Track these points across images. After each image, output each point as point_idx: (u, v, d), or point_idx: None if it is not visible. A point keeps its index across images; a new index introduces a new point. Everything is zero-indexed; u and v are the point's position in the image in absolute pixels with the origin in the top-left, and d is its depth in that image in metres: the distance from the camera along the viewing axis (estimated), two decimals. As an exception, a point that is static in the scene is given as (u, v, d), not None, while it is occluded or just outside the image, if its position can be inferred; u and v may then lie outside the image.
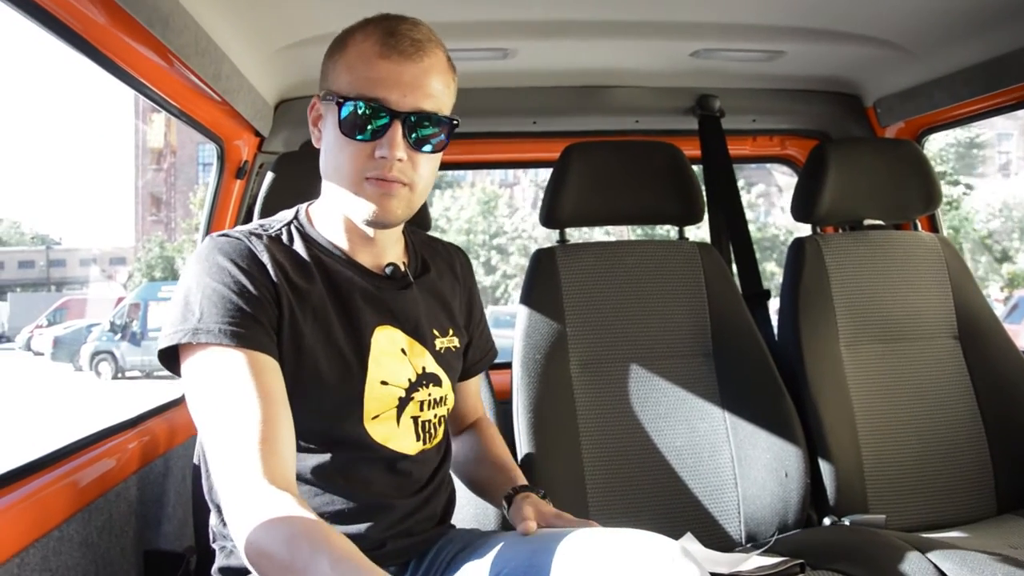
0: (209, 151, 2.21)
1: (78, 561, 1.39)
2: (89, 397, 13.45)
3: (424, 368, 1.32)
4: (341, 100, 1.19)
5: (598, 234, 2.53)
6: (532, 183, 24.35)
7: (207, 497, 1.32)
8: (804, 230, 2.28)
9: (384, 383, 1.26)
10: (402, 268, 1.34)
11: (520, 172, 26.24)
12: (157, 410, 1.98)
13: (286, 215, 1.33)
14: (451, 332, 1.41)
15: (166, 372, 1.19)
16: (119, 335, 17.42)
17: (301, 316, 1.20)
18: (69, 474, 1.44)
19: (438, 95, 1.22)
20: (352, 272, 1.28)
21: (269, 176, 1.93)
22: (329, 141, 1.24)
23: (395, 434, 1.28)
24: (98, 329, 18.04)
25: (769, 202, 22.82)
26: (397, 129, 1.18)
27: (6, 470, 1.31)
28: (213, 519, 1.33)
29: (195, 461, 1.73)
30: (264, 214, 1.88)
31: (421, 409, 1.31)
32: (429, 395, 1.32)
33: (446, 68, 1.25)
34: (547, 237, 2.15)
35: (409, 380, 1.30)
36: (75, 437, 1.58)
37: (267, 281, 1.17)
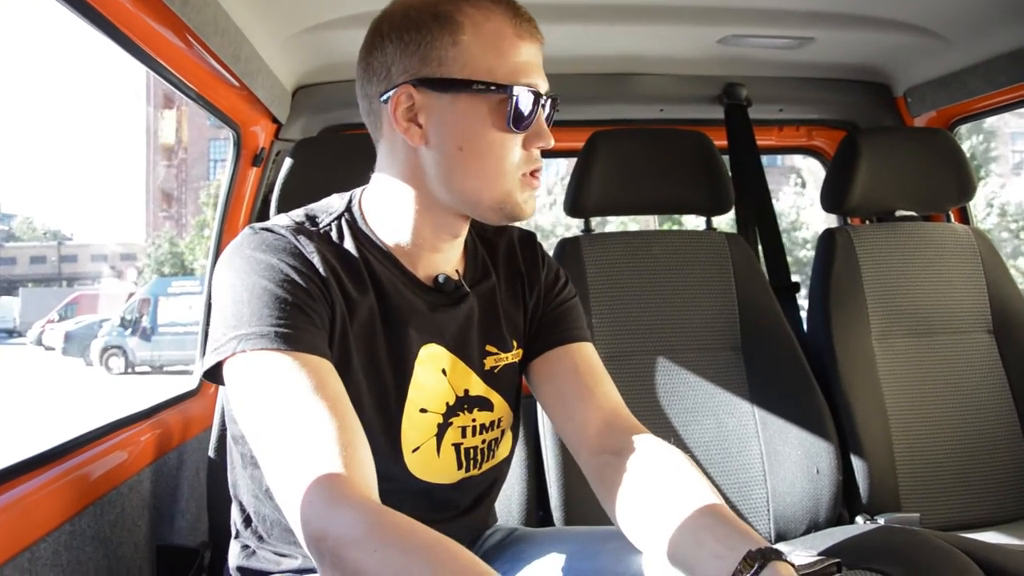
0: (220, 147, 2.15)
1: (90, 556, 1.35)
2: (98, 391, 13.46)
3: (467, 391, 1.18)
4: (503, 89, 1.04)
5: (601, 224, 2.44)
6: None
7: (231, 492, 1.24)
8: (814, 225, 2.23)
9: (423, 410, 1.14)
10: (456, 276, 1.19)
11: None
12: (171, 401, 1.94)
13: (337, 205, 1.16)
14: (516, 344, 1.24)
15: (176, 367, 1.09)
16: (129, 330, 17.49)
17: (352, 332, 1.07)
18: (81, 466, 1.40)
19: None
20: (403, 284, 1.13)
21: (287, 163, 1.88)
22: (467, 136, 1.06)
23: (434, 464, 1.15)
24: (109, 324, 18.12)
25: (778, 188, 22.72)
26: (542, 115, 1.09)
27: (16, 462, 1.26)
28: (235, 514, 1.24)
29: (210, 454, 1.69)
30: (281, 202, 1.83)
31: (463, 436, 1.18)
32: (473, 420, 1.18)
33: None
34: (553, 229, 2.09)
35: (447, 404, 1.16)
36: (85, 429, 1.54)
37: (320, 284, 1.03)
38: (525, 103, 1.05)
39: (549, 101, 1.11)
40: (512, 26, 1.06)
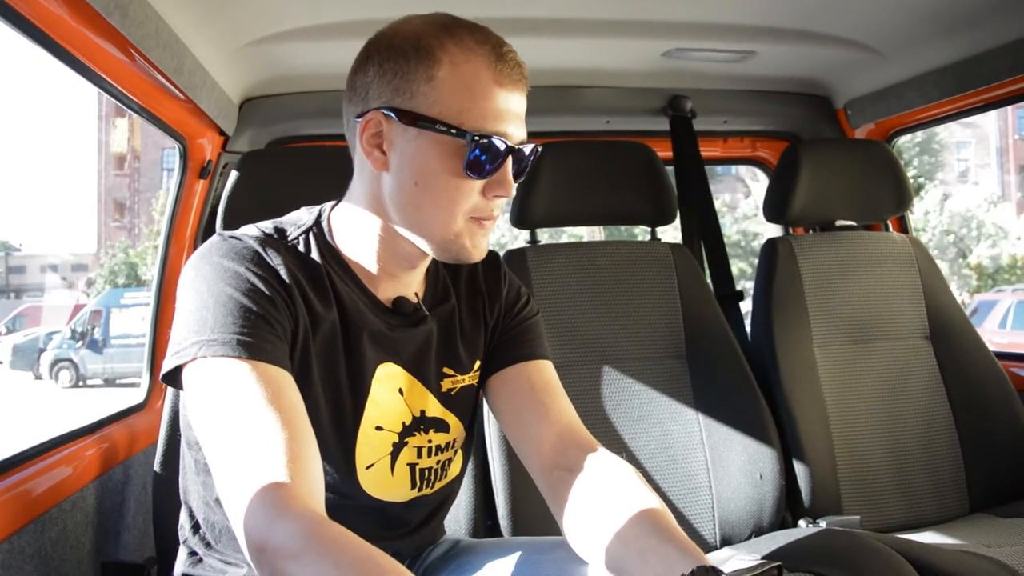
0: (173, 156, 2.13)
1: (29, 574, 1.33)
2: (46, 405, 13.18)
3: (423, 412, 1.19)
4: (468, 134, 1.02)
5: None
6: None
7: (182, 498, 1.24)
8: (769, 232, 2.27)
9: (379, 428, 1.14)
10: (415, 299, 1.19)
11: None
12: (117, 416, 1.92)
13: (305, 219, 1.16)
14: (476, 366, 1.25)
15: (130, 380, 1.07)
16: (80, 343, 17.13)
17: (313, 345, 1.08)
18: (20, 483, 1.38)
19: None
20: (362, 303, 1.13)
21: (233, 175, 1.87)
22: (425, 173, 1.05)
23: (388, 483, 1.16)
24: (59, 337, 17.74)
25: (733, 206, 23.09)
26: (509, 164, 1.06)
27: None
28: (184, 520, 1.24)
29: (156, 468, 1.68)
30: (227, 214, 1.82)
31: (419, 456, 1.18)
32: (429, 441, 1.19)
33: None
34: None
35: (403, 423, 1.16)
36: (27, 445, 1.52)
37: (285, 295, 1.04)
38: (487, 153, 1.03)
39: (527, 150, 1.09)
40: (492, 71, 1.03)
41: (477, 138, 1.02)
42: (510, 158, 1.06)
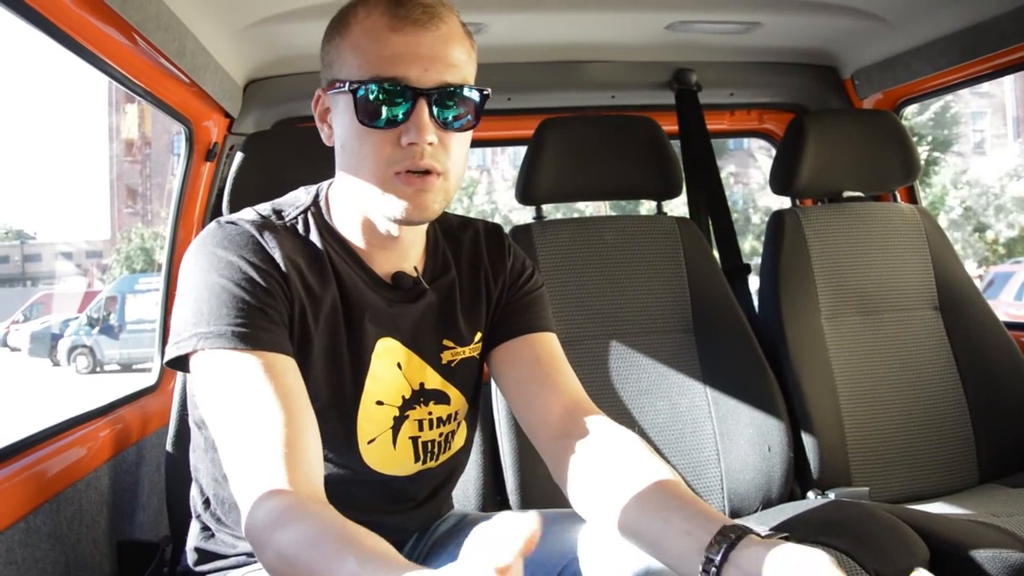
0: (184, 141, 2.15)
1: (46, 553, 1.35)
2: (64, 390, 13.30)
3: (423, 384, 1.20)
4: (355, 85, 1.03)
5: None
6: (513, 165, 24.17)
7: (193, 475, 1.26)
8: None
9: (379, 403, 1.15)
10: (414, 273, 1.19)
11: (498, 154, 26.18)
12: (130, 398, 1.94)
13: (304, 198, 1.17)
14: (477, 338, 1.25)
15: (146, 364, 1.09)
16: (97, 328, 17.27)
17: (312, 323, 1.09)
18: (36, 464, 1.40)
19: (461, 65, 1.07)
20: (362, 281, 1.14)
21: (239, 157, 1.88)
22: (344, 134, 1.08)
23: (390, 457, 1.17)
24: (75, 323, 17.89)
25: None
26: (423, 109, 1.03)
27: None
28: (195, 496, 1.26)
29: (168, 448, 1.70)
30: (234, 196, 1.83)
31: (420, 429, 1.19)
32: (430, 414, 1.20)
33: (464, 34, 1.10)
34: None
35: (403, 397, 1.17)
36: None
37: (280, 280, 1.05)
38: (374, 97, 1.03)
39: (463, 92, 1.07)
40: (387, 17, 1.04)
41: (355, 84, 1.04)
42: (421, 100, 1.04)
